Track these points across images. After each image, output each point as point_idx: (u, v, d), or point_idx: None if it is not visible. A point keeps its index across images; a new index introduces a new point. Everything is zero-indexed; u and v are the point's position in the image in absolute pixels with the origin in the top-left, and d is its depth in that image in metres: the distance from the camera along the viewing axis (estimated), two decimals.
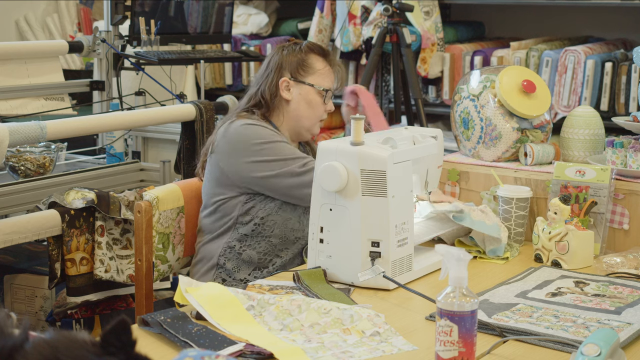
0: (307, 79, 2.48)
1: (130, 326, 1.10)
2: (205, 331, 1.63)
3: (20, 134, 2.59)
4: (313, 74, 2.48)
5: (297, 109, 2.48)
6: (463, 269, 1.44)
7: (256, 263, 2.40)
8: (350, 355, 1.56)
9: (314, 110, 2.49)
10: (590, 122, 2.46)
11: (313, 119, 2.50)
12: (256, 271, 2.39)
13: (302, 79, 2.48)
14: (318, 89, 2.47)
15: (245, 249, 2.40)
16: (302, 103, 2.48)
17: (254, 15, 5.12)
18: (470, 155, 2.55)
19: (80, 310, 2.76)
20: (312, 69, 2.48)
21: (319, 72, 2.49)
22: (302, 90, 2.47)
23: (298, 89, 2.47)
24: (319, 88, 2.47)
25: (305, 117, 2.49)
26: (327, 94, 2.49)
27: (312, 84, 2.47)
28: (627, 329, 1.68)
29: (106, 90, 3.83)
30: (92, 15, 5.60)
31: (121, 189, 2.94)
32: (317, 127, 2.53)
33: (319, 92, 2.48)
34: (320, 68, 2.49)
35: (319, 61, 2.50)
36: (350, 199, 1.94)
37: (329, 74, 2.50)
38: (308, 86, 2.47)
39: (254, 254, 2.39)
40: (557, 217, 2.17)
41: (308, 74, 2.48)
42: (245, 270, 2.39)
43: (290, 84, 2.47)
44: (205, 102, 3.33)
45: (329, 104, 2.51)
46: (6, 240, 2.48)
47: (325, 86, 2.49)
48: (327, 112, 2.52)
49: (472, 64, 4.40)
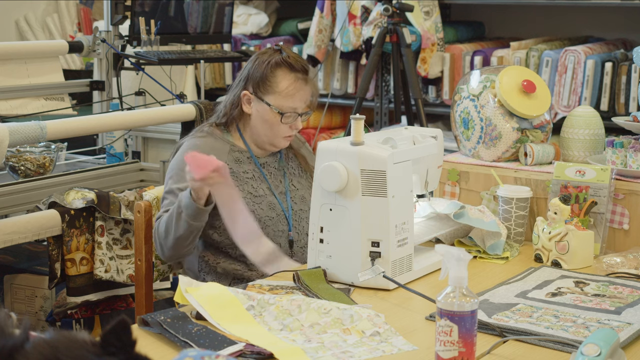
0: (266, 97, 2.35)
1: (130, 326, 1.10)
2: (205, 331, 1.63)
3: (20, 134, 2.59)
4: (273, 93, 2.35)
5: (255, 124, 2.39)
6: (463, 269, 1.44)
7: (232, 275, 2.36)
8: (350, 355, 1.56)
9: (272, 129, 2.37)
10: (590, 122, 2.46)
11: (271, 137, 2.38)
12: (235, 281, 2.35)
13: (262, 96, 2.36)
14: (273, 110, 2.35)
15: (219, 262, 2.36)
16: (259, 120, 2.37)
17: (254, 15, 5.12)
18: (470, 155, 2.55)
19: (80, 310, 2.76)
20: (272, 88, 2.35)
21: (279, 93, 2.34)
22: (259, 107, 2.37)
23: (257, 105, 2.37)
24: (275, 110, 2.34)
25: (263, 134, 2.38)
26: (284, 115, 2.35)
27: (270, 104, 2.35)
28: (627, 329, 1.68)
29: (106, 90, 3.82)
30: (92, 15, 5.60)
31: (121, 189, 2.94)
32: (282, 142, 2.40)
33: (274, 112, 2.35)
34: (282, 88, 2.34)
35: (284, 80, 2.35)
36: (350, 199, 1.94)
37: (292, 94, 2.35)
38: (266, 105, 2.35)
39: (228, 266, 2.36)
40: (557, 217, 2.17)
41: (268, 92, 2.35)
42: (225, 282, 2.35)
43: (251, 99, 2.38)
44: (205, 102, 3.33)
45: (295, 123, 2.38)
46: (6, 240, 2.48)
47: (283, 109, 2.34)
48: (293, 129, 2.39)
49: (472, 64, 4.40)
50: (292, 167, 2.48)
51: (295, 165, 2.50)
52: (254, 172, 2.40)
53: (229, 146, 2.40)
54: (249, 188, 2.36)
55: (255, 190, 2.36)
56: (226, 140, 2.41)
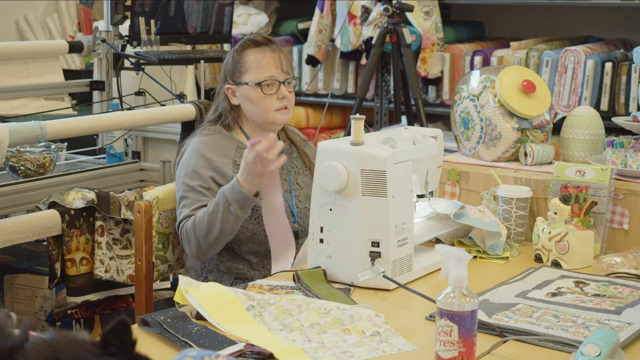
0: (241, 78, 2.42)
1: (130, 326, 1.10)
2: (205, 331, 1.63)
3: (20, 134, 2.59)
4: (246, 71, 2.41)
5: (246, 110, 2.44)
6: (463, 269, 1.44)
7: (235, 274, 2.38)
8: (350, 355, 1.56)
9: (260, 106, 2.40)
10: (590, 122, 2.46)
11: (264, 113, 2.41)
12: (238, 280, 2.37)
13: (239, 79, 2.42)
14: (252, 85, 2.40)
15: (222, 260, 2.39)
16: (247, 103, 2.42)
17: (254, 15, 5.12)
18: (470, 155, 2.55)
19: (80, 310, 2.76)
20: (244, 66, 2.42)
21: (250, 68, 2.41)
22: (241, 91, 2.42)
23: (239, 91, 2.43)
24: (252, 84, 2.40)
25: (256, 114, 2.42)
26: (263, 85, 2.39)
27: (246, 81, 2.41)
28: (627, 329, 1.68)
29: (106, 90, 3.82)
30: (92, 15, 5.60)
31: (121, 189, 2.93)
32: (278, 116, 2.42)
33: (254, 87, 2.40)
34: (251, 63, 2.41)
35: (251, 55, 2.42)
36: (350, 199, 1.94)
37: (262, 63, 2.40)
38: (244, 85, 2.41)
39: (232, 265, 2.38)
40: (557, 217, 2.17)
41: (242, 73, 2.42)
42: (227, 280, 2.38)
43: (233, 89, 2.44)
44: (205, 102, 3.33)
45: (280, 91, 2.41)
46: (6, 240, 2.48)
47: (259, 78, 2.39)
48: (280, 98, 2.41)
49: (472, 64, 4.40)
50: (296, 166, 2.50)
51: (300, 164, 2.52)
52: None
53: (236, 143, 2.43)
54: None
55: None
56: (233, 138, 2.44)
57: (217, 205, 2.24)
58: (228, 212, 2.22)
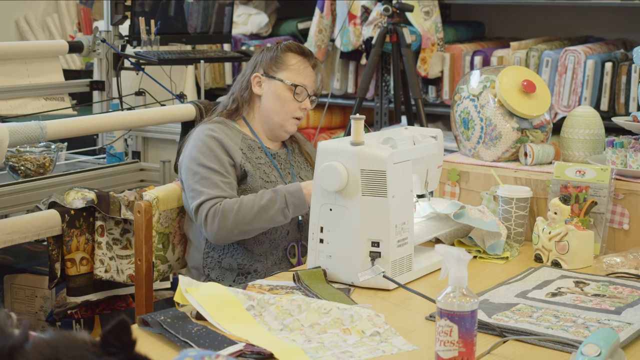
0: (278, 74, 2.46)
1: (130, 326, 1.10)
2: (205, 331, 1.63)
3: (20, 134, 2.59)
4: (285, 69, 2.46)
5: (267, 104, 2.46)
6: (463, 269, 1.44)
7: (237, 270, 2.39)
8: (350, 355, 1.56)
9: (284, 106, 2.45)
10: (590, 122, 2.46)
11: (283, 115, 2.46)
12: (240, 277, 2.38)
13: (274, 74, 2.46)
14: (287, 84, 2.44)
15: (224, 257, 2.40)
16: (272, 98, 2.45)
17: (254, 15, 5.12)
18: (470, 155, 2.55)
19: (80, 310, 2.76)
20: (284, 65, 2.46)
21: (291, 68, 2.46)
22: (272, 85, 2.46)
23: (269, 84, 2.46)
24: (288, 83, 2.44)
25: (275, 112, 2.46)
26: (297, 89, 2.45)
27: (282, 79, 2.44)
28: (627, 329, 1.68)
29: (106, 90, 3.82)
30: (92, 15, 5.60)
31: (121, 189, 2.94)
32: (290, 125, 2.48)
33: (288, 87, 2.44)
34: (293, 63, 2.46)
35: (294, 58, 2.47)
36: (350, 199, 1.94)
37: (303, 71, 2.47)
38: (278, 81, 2.45)
39: (233, 261, 2.39)
40: (557, 217, 2.17)
41: (280, 69, 2.46)
42: (229, 277, 2.39)
43: (262, 80, 2.47)
44: (205, 102, 3.33)
45: (304, 102, 2.47)
46: (6, 240, 2.48)
47: (296, 82, 2.45)
48: (303, 109, 2.48)
49: (472, 64, 4.40)
50: (299, 162, 2.54)
51: (302, 160, 2.56)
52: (265, 159, 2.45)
53: (241, 134, 2.45)
54: (261, 174, 2.41)
55: (267, 176, 2.41)
56: (237, 129, 2.47)
57: (271, 201, 2.27)
58: (281, 213, 2.27)
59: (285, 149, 2.55)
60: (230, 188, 2.34)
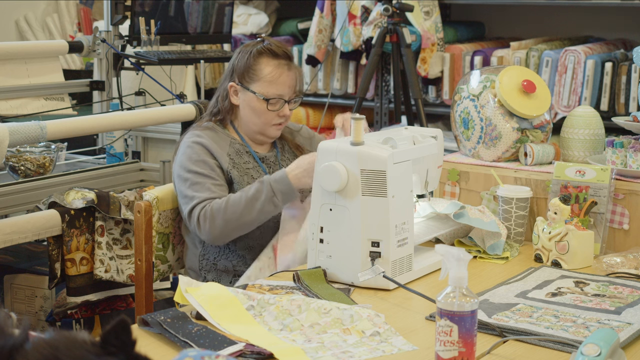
0: (251, 85, 2.41)
1: (130, 326, 1.10)
2: (205, 331, 1.63)
3: (20, 134, 2.59)
4: (258, 80, 2.41)
5: (244, 114, 2.45)
6: (463, 269, 1.44)
7: (233, 272, 2.39)
8: (350, 355, 1.56)
9: (260, 117, 2.42)
10: (590, 122, 2.46)
11: (260, 125, 2.44)
12: (236, 278, 2.38)
13: (247, 85, 2.42)
14: (259, 97, 2.40)
15: (219, 259, 2.40)
16: (247, 110, 2.44)
17: (254, 15, 5.12)
18: (470, 155, 2.55)
19: (80, 310, 2.76)
20: (256, 75, 2.41)
21: (264, 79, 2.40)
22: (246, 96, 2.43)
23: (243, 95, 2.44)
24: (259, 97, 2.40)
25: (252, 122, 2.44)
26: (270, 101, 2.40)
27: (255, 91, 2.41)
28: (627, 329, 1.68)
29: (106, 90, 3.82)
30: (92, 15, 5.60)
31: (121, 189, 2.94)
32: (272, 131, 2.46)
33: (259, 100, 2.40)
34: (266, 74, 2.40)
35: (268, 66, 2.40)
36: (350, 199, 1.94)
37: (277, 79, 2.40)
38: (251, 93, 2.41)
39: (228, 263, 2.39)
40: (557, 217, 2.17)
41: (253, 80, 2.41)
42: (226, 279, 2.39)
43: (237, 89, 2.44)
44: (205, 102, 3.33)
45: (282, 110, 2.42)
46: (6, 240, 2.48)
47: (269, 94, 2.40)
48: (281, 117, 2.43)
49: (472, 64, 4.40)
50: (289, 160, 2.51)
51: (292, 157, 2.54)
52: (254, 164, 2.44)
53: (229, 139, 2.45)
54: (249, 179, 2.40)
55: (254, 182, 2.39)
56: (226, 134, 2.46)
57: (258, 192, 2.26)
58: (270, 201, 2.26)
59: (275, 149, 2.53)
60: (221, 190, 2.34)
